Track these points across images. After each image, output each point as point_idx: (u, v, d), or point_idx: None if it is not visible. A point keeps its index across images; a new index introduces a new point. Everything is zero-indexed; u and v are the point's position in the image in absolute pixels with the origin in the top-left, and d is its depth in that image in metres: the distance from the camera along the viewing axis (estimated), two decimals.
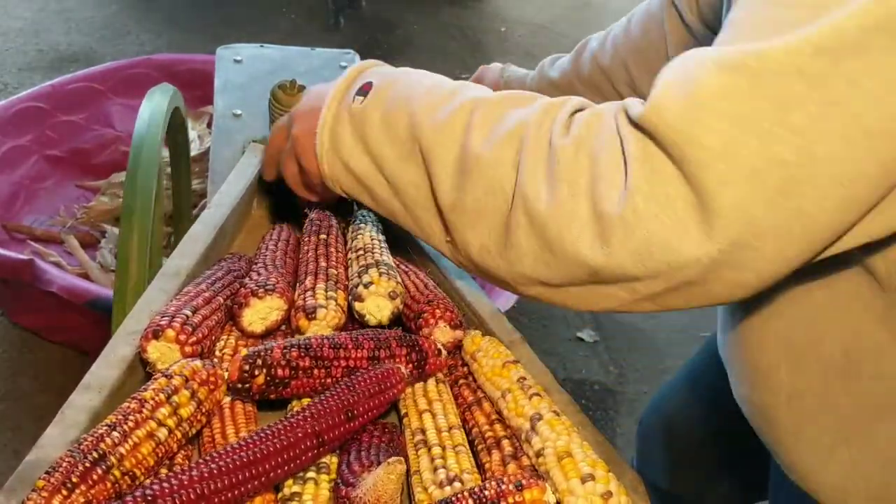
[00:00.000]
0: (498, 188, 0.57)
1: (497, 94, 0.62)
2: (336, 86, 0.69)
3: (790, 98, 0.46)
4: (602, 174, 0.52)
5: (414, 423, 0.63)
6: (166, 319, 0.62)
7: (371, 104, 0.66)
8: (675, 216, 0.48)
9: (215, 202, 0.84)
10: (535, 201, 0.54)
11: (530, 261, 0.56)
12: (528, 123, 0.57)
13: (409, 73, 0.69)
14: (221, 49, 1.28)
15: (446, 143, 0.61)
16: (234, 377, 0.59)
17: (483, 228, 0.59)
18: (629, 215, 0.50)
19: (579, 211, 0.52)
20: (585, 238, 0.52)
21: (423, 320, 0.71)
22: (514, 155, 0.57)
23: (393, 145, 0.64)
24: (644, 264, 0.51)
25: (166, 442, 0.54)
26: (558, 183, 0.53)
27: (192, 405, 0.56)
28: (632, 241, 0.50)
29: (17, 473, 0.50)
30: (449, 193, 0.61)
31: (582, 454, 0.56)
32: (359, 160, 0.66)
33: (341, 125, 0.67)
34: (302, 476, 0.56)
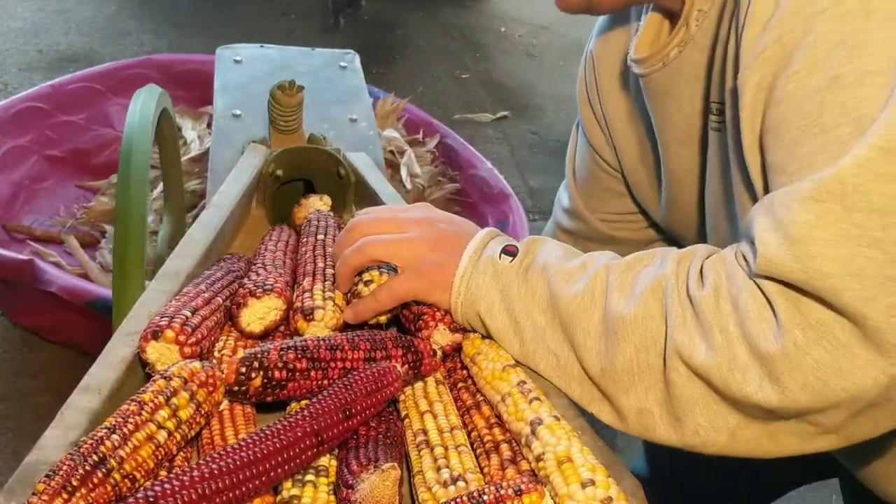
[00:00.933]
0: (650, 343, 0.57)
1: (627, 258, 0.63)
2: (477, 239, 0.69)
3: (884, 202, 0.47)
4: (749, 315, 0.52)
5: (416, 425, 0.63)
6: (165, 320, 0.62)
7: (516, 268, 0.66)
8: (837, 341, 0.49)
9: (214, 203, 0.84)
10: (691, 352, 0.54)
11: (700, 408, 0.56)
12: (666, 276, 0.58)
13: (542, 240, 0.69)
14: (221, 49, 1.28)
15: (587, 311, 0.61)
16: (230, 379, 0.59)
17: (640, 390, 0.59)
18: (791, 348, 0.50)
19: (738, 355, 0.52)
20: (752, 380, 0.52)
21: (422, 322, 0.71)
22: (660, 308, 0.57)
23: (533, 312, 0.64)
24: (819, 395, 0.50)
25: (166, 444, 0.54)
26: (709, 331, 0.54)
27: (192, 407, 0.56)
28: (800, 373, 0.50)
29: (16, 474, 0.50)
30: (596, 360, 0.61)
31: (582, 459, 0.56)
32: (497, 315, 0.67)
33: (484, 279, 0.67)
34: (301, 479, 0.56)
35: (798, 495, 1.22)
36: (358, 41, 3.26)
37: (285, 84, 0.98)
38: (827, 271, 0.48)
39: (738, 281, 0.54)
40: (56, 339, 1.80)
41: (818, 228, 0.49)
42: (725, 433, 0.56)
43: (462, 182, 2.25)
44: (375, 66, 3.17)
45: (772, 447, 0.56)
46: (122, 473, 0.50)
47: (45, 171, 2.09)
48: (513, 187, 2.22)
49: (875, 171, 0.47)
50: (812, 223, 0.49)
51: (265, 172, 0.95)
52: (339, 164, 0.98)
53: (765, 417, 0.54)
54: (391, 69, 3.25)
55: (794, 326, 0.50)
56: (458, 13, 3.74)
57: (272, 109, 1.00)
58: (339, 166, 0.98)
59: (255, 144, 1.01)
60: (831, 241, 0.48)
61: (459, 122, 2.97)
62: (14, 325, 1.86)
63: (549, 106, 3.15)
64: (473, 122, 3.02)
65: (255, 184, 0.94)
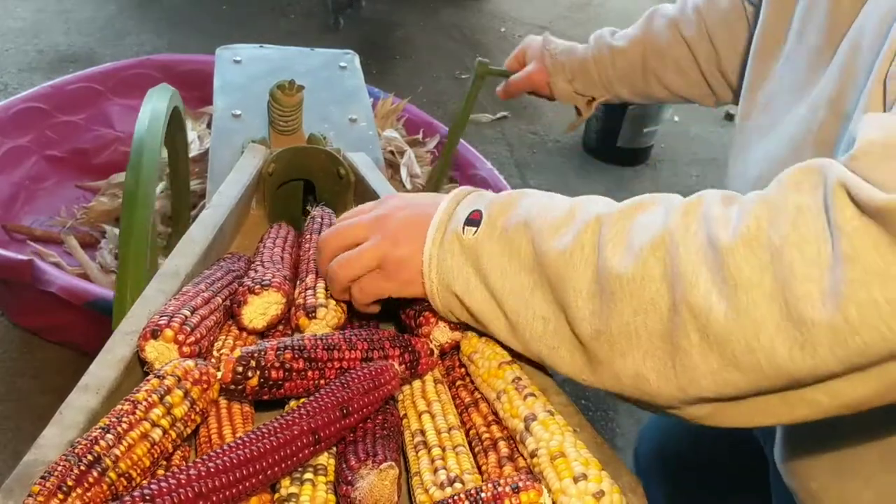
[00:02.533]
0: (650, 307, 0.51)
1: (619, 205, 0.56)
2: (437, 217, 0.63)
3: None
4: (795, 273, 0.45)
5: (413, 425, 0.63)
6: (164, 319, 0.63)
7: (485, 234, 0.60)
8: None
9: (214, 202, 0.84)
10: (709, 314, 0.48)
11: (708, 381, 0.50)
12: (671, 230, 0.51)
13: (518, 195, 0.62)
14: (221, 49, 1.28)
15: (578, 268, 0.55)
16: (227, 379, 0.59)
17: (638, 355, 0.53)
18: (840, 323, 0.43)
19: (768, 317, 0.46)
20: (782, 346, 0.45)
21: (423, 318, 0.71)
22: (661, 267, 0.51)
23: (515, 278, 0.58)
24: (855, 367, 0.45)
25: (161, 442, 0.54)
26: (734, 290, 0.47)
27: (186, 405, 0.56)
28: (844, 349, 0.44)
29: (14, 474, 0.50)
30: (589, 322, 0.54)
31: (575, 453, 0.56)
32: (475, 295, 0.61)
33: (453, 258, 0.61)
34: (299, 477, 0.56)
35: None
36: (358, 41, 3.27)
37: (285, 84, 0.98)
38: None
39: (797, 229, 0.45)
40: (56, 339, 1.80)
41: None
42: (735, 402, 0.51)
43: (462, 182, 2.25)
44: (375, 66, 3.18)
45: (783, 414, 0.51)
46: (117, 472, 0.50)
47: (45, 172, 2.09)
48: (513, 187, 2.22)
49: None
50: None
51: (265, 172, 0.95)
52: (339, 164, 0.99)
53: (782, 387, 0.48)
54: (391, 69, 3.25)
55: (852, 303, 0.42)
56: (458, 13, 3.74)
57: (272, 109, 1.00)
58: (339, 166, 0.98)
59: (254, 144, 1.01)
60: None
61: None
62: (14, 325, 1.86)
63: (549, 106, 3.15)
64: (473, 122, 3.02)
65: (254, 184, 0.94)
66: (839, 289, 0.43)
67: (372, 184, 0.97)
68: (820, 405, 0.49)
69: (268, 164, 0.96)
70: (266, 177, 0.95)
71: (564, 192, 0.62)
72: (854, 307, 0.42)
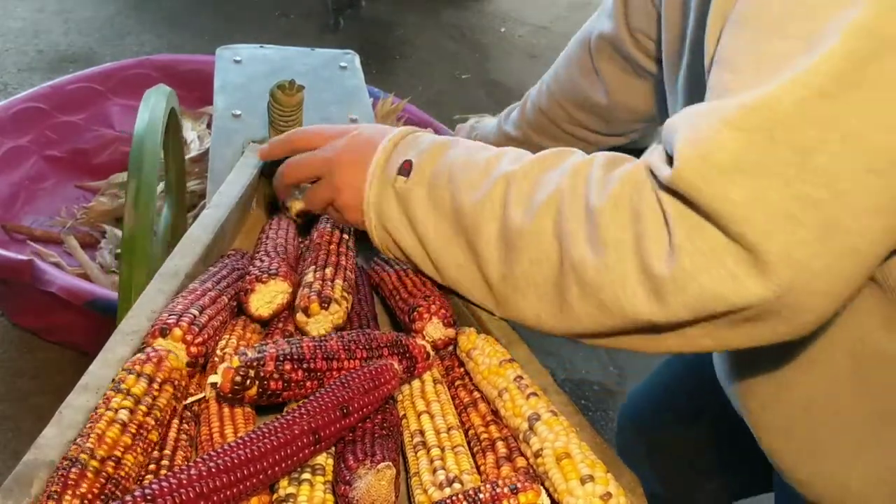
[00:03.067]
0: (543, 258, 0.59)
1: (529, 161, 0.64)
2: (374, 163, 0.71)
3: (808, 143, 0.47)
4: (646, 232, 0.53)
5: (412, 425, 0.63)
6: (174, 318, 0.63)
7: (414, 183, 0.68)
8: (726, 269, 0.50)
9: (214, 202, 0.84)
10: (584, 266, 0.56)
11: (588, 322, 0.58)
12: (561, 189, 0.59)
13: (446, 147, 0.69)
14: (221, 49, 1.28)
15: (488, 220, 0.63)
16: (225, 389, 0.59)
17: (534, 298, 0.62)
18: (678, 273, 0.51)
19: (629, 272, 0.54)
20: (640, 296, 0.54)
21: (417, 314, 0.71)
22: (552, 224, 0.59)
23: (438, 225, 0.67)
24: (700, 314, 0.52)
25: (134, 420, 0.53)
26: (603, 247, 0.55)
27: (143, 382, 0.56)
28: (685, 295, 0.52)
29: (14, 474, 0.50)
30: (496, 267, 0.63)
31: (581, 455, 0.56)
32: (405, 237, 0.69)
33: (387, 202, 0.69)
34: (297, 477, 0.56)
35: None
36: (358, 41, 3.26)
37: (285, 84, 0.98)
38: (734, 198, 0.48)
39: (643, 194, 0.54)
40: (56, 339, 1.80)
41: (738, 156, 0.48)
42: (611, 337, 0.60)
43: None
44: (375, 66, 3.18)
45: (655, 346, 0.59)
46: (98, 459, 0.49)
47: (45, 172, 2.08)
48: None
49: (806, 112, 0.47)
50: (734, 150, 0.49)
51: (265, 172, 0.95)
52: None
53: (646, 328, 0.57)
54: (391, 69, 3.25)
55: (683, 253, 0.51)
56: (458, 13, 3.74)
57: (272, 109, 1.00)
58: None
59: (255, 144, 1.01)
60: (747, 171, 0.48)
61: (459, 122, 2.96)
62: (14, 325, 1.86)
63: None
64: None
65: (255, 183, 0.94)
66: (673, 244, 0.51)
67: None
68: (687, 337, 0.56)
69: (268, 164, 0.96)
70: (266, 177, 0.95)
71: None
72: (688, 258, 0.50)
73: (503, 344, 0.70)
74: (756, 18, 0.52)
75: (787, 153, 0.47)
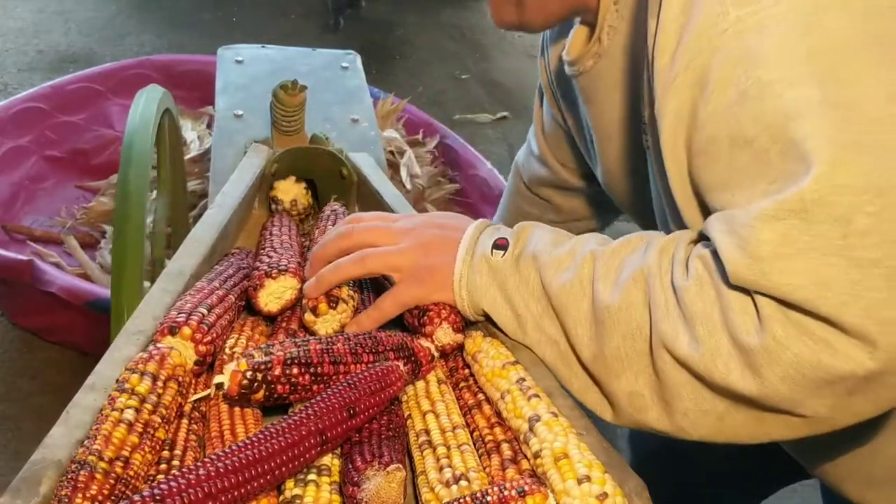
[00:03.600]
0: (636, 331, 0.59)
1: (614, 244, 0.64)
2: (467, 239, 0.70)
3: (842, 210, 0.49)
4: (731, 306, 0.53)
5: (418, 425, 0.63)
6: (183, 316, 0.63)
7: (509, 260, 0.68)
8: (817, 337, 0.50)
9: (217, 202, 0.84)
10: (675, 342, 0.56)
11: (686, 394, 0.57)
12: (648, 265, 0.59)
13: (532, 230, 0.70)
14: (222, 49, 1.28)
15: (576, 299, 0.63)
16: (232, 392, 0.59)
17: (630, 374, 0.60)
18: (771, 343, 0.51)
19: (721, 346, 0.54)
20: (734, 371, 0.53)
21: (427, 318, 0.71)
22: (643, 297, 0.59)
23: (530, 303, 0.66)
24: (798, 386, 0.52)
25: (140, 419, 0.53)
26: (693, 321, 0.55)
27: (147, 380, 0.56)
28: (779, 366, 0.51)
29: (21, 473, 0.50)
30: (588, 347, 0.62)
31: (579, 455, 0.56)
32: (500, 312, 0.68)
33: (481, 278, 0.69)
34: (303, 478, 0.55)
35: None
36: (358, 41, 3.26)
37: (288, 84, 0.98)
38: (797, 284, 0.49)
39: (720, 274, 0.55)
40: (56, 339, 1.80)
41: (783, 245, 0.50)
42: (713, 416, 0.58)
43: (462, 182, 2.25)
44: (375, 66, 3.18)
45: (759, 432, 0.58)
46: (106, 461, 0.49)
47: (45, 172, 2.08)
48: None
49: (831, 184, 0.49)
50: (777, 241, 0.50)
51: (268, 172, 0.96)
52: (342, 165, 0.99)
53: (749, 405, 0.56)
54: (391, 69, 3.25)
55: (774, 322, 0.51)
56: (458, 13, 3.74)
57: (275, 109, 1.00)
58: (342, 166, 0.99)
59: (257, 144, 1.01)
60: (797, 256, 0.50)
61: (459, 122, 2.97)
62: (14, 325, 1.86)
63: None
64: (473, 122, 3.02)
65: (257, 184, 0.94)
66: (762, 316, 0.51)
67: (374, 184, 0.97)
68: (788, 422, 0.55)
69: (270, 164, 0.96)
70: (269, 177, 0.96)
71: None
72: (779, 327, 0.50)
73: (508, 347, 0.70)
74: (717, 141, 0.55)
75: (827, 227, 0.49)
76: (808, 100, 0.50)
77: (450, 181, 2.26)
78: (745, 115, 0.53)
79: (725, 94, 0.54)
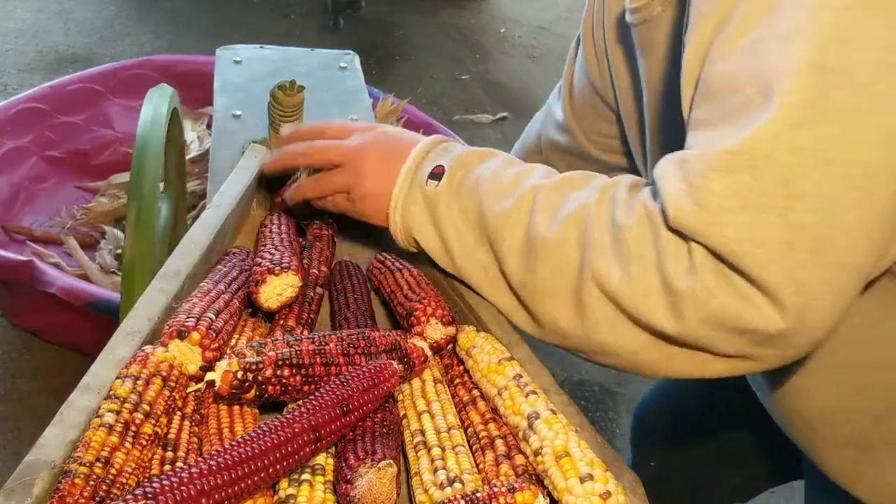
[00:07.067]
0: (565, 266, 0.62)
1: (556, 179, 0.67)
2: (407, 165, 0.73)
3: (790, 172, 0.51)
4: (667, 249, 0.55)
5: (413, 425, 0.63)
6: (192, 320, 0.62)
7: (444, 189, 0.70)
8: (741, 292, 0.53)
9: (215, 202, 0.84)
10: (607, 278, 0.58)
11: (608, 328, 0.60)
12: (588, 204, 0.62)
13: (477, 157, 0.72)
14: (221, 50, 1.27)
15: (513, 228, 0.65)
16: (223, 391, 0.59)
17: (554, 304, 0.63)
18: (700, 290, 0.54)
19: (651, 285, 0.56)
20: (660, 309, 0.56)
21: (414, 318, 0.71)
22: (577, 235, 0.61)
23: (463, 230, 0.69)
24: (716, 331, 0.55)
25: (120, 420, 0.53)
26: (628, 259, 0.57)
27: (128, 383, 0.56)
28: (703, 311, 0.54)
29: (15, 474, 0.50)
30: (518, 274, 0.65)
31: (580, 453, 0.56)
32: (429, 240, 0.72)
33: (415, 205, 0.72)
34: (297, 478, 0.56)
35: None
36: (358, 42, 3.26)
37: (286, 84, 0.98)
38: (733, 236, 0.52)
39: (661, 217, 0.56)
40: (55, 339, 1.80)
41: (728, 198, 0.52)
42: (627, 350, 0.61)
43: None
44: (375, 66, 3.18)
45: (670, 367, 0.61)
46: (85, 466, 0.49)
47: (45, 172, 2.08)
48: None
49: (785, 145, 0.51)
50: (725, 193, 0.52)
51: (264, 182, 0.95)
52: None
53: (665, 341, 0.59)
54: (391, 70, 3.25)
55: (706, 271, 0.53)
56: (457, 14, 3.74)
57: (272, 110, 1.00)
58: None
59: (255, 145, 1.01)
60: (738, 210, 0.52)
61: (459, 123, 2.97)
62: (13, 325, 1.86)
63: None
64: (473, 123, 3.02)
65: (255, 184, 0.94)
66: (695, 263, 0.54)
67: None
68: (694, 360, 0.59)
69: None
70: (267, 177, 0.95)
71: None
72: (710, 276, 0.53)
73: (504, 343, 0.70)
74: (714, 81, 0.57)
75: (773, 186, 0.51)
76: (801, 59, 0.51)
77: None
78: (750, 62, 0.54)
79: (741, 39, 0.55)
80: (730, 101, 0.55)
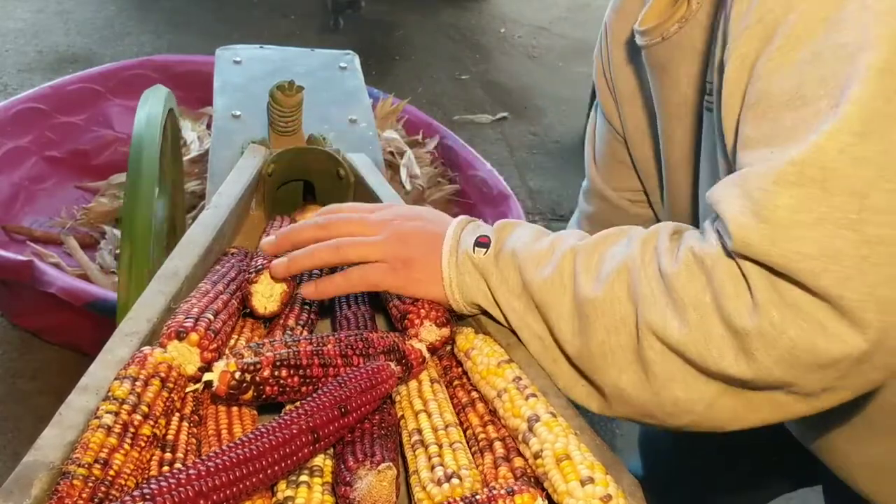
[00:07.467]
0: (620, 324, 0.59)
1: (593, 238, 0.64)
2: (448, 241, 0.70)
3: (861, 184, 0.49)
4: (723, 290, 0.53)
5: (410, 425, 0.63)
6: (190, 321, 0.62)
7: (491, 258, 0.68)
8: (813, 320, 0.50)
9: (214, 203, 0.84)
10: (665, 329, 0.56)
11: (676, 383, 0.57)
12: (630, 257, 0.59)
13: (512, 228, 0.70)
14: (221, 50, 1.27)
15: (558, 294, 0.63)
16: (221, 392, 0.59)
17: (615, 367, 0.60)
18: (767, 327, 0.51)
19: (713, 330, 0.53)
20: (728, 354, 0.53)
21: (408, 321, 0.71)
22: (626, 290, 0.59)
23: (510, 300, 0.67)
24: (792, 369, 0.52)
25: (119, 421, 0.53)
26: (683, 308, 0.55)
27: (126, 384, 0.56)
28: (775, 350, 0.51)
29: (14, 475, 0.50)
30: (571, 341, 0.62)
31: (580, 456, 0.56)
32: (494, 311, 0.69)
33: (470, 277, 0.69)
34: (295, 480, 0.55)
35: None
36: (357, 42, 3.26)
37: (285, 84, 0.98)
38: (806, 252, 0.49)
39: (712, 257, 0.54)
40: (55, 340, 1.80)
41: (799, 212, 0.50)
42: (702, 404, 0.58)
43: (461, 183, 2.25)
44: (375, 66, 3.18)
45: (749, 416, 0.58)
46: (83, 467, 0.49)
47: (45, 172, 2.09)
48: (512, 188, 2.22)
49: (851, 156, 0.49)
50: (793, 207, 0.50)
51: (264, 173, 0.95)
52: (339, 165, 0.98)
53: (741, 387, 0.56)
54: (391, 70, 3.26)
55: (770, 306, 0.51)
56: (457, 14, 3.74)
57: (272, 110, 1.00)
58: (339, 167, 0.98)
59: (254, 145, 1.01)
60: (810, 224, 0.49)
61: (459, 123, 2.97)
62: (13, 326, 1.86)
63: (549, 107, 3.15)
64: (473, 123, 3.02)
65: (254, 184, 0.94)
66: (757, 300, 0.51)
67: (372, 185, 0.97)
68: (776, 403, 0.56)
69: (267, 164, 0.96)
70: (266, 177, 0.95)
71: (564, 192, 0.64)
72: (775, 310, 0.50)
73: (503, 346, 0.70)
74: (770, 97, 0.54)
75: (844, 199, 0.49)
76: (870, 65, 0.49)
77: (449, 182, 2.26)
78: (813, 74, 0.52)
79: (796, 52, 0.53)
80: (791, 115, 0.52)
